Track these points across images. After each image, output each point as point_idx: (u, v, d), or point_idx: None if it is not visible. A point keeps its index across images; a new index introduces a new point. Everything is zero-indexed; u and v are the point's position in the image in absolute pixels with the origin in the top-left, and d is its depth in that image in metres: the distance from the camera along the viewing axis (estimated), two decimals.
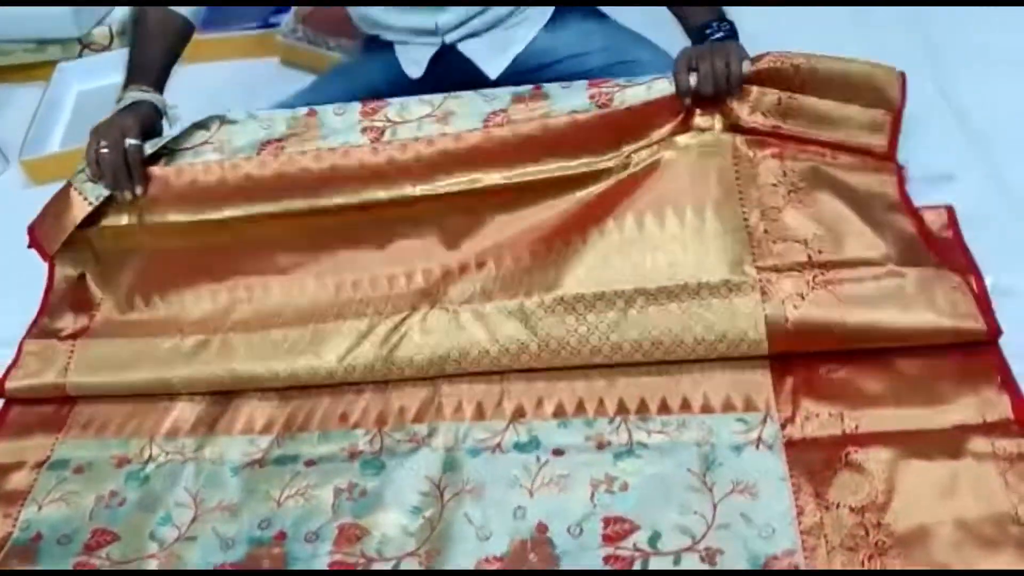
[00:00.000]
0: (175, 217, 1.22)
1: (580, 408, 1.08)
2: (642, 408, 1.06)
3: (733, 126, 1.16)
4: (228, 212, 1.21)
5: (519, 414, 1.09)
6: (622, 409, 1.07)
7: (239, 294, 1.24)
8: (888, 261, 1.06)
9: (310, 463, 1.09)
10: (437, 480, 1.03)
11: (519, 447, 1.05)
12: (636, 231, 1.13)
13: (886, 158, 1.17)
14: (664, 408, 1.06)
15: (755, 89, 1.14)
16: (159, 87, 1.28)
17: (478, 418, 1.09)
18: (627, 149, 1.16)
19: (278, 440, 1.12)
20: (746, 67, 1.12)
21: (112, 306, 1.28)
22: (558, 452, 1.04)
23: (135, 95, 1.25)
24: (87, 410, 1.21)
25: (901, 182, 1.17)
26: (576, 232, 1.15)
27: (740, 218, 1.11)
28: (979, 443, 0.95)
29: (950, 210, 1.19)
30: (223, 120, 1.27)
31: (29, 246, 1.29)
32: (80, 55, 1.81)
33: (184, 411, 1.17)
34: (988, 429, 0.96)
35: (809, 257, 1.08)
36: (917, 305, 1.03)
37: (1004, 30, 1.45)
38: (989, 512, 0.91)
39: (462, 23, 1.36)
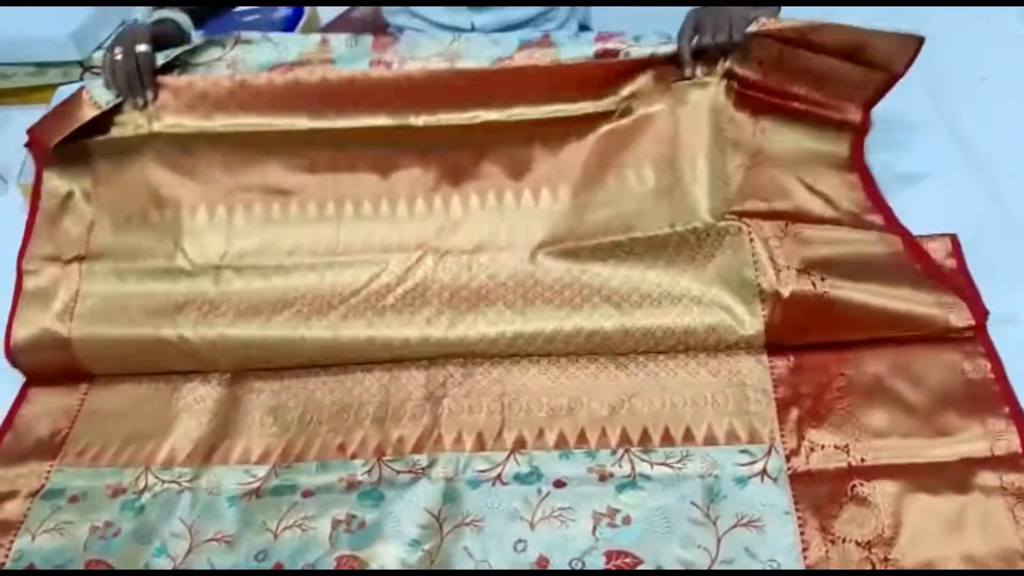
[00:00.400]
0: (181, 125, 1.24)
1: (582, 439, 1.07)
2: (645, 439, 1.05)
3: (727, 72, 1.16)
4: (234, 123, 1.23)
5: (520, 445, 1.07)
6: (625, 440, 1.05)
7: (237, 215, 1.24)
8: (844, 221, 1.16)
9: (307, 494, 1.07)
10: (436, 512, 1.02)
11: (520, 479, 1.04)
12: (636, 183, 1.17)
13: (858, 115, 1.19)
14: (667, 439, 1.05)
15: (758, 39, 1.14)
16: (193, 16, 1.34)
17: (478, 448, 1.07)
18: (626, 95, 1.19)
19: (275, 470, 1.10)
20: (754, 28, 1.13)
21: (108, 226, 1.27)
22: (559, 484, 1.03)
23: (162, 13, 1.31)
24: (84, 436, 1.19)
25: (859, 139, 1.21)
26: (577, 180, 1.20)
27: (723, 169, 1.15)
28: (987, 477, 0.94)
29: (953, 239, 1.18)
30: (238, 39, 1.30)
31: (26, 145, 1.33)
32: (81, 78, 1.80)
33: (180, 439, 1.15)
34: (996, 463, 0.95)
35: (774, 210, 1.15)
36: (893, 272, 1.09)
37: (1005, 53, 1.46)
38: (997, 548, 0.89)
39: (498, 30, 1.38)
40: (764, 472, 1.00)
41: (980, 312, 1.07)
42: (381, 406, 1.14)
